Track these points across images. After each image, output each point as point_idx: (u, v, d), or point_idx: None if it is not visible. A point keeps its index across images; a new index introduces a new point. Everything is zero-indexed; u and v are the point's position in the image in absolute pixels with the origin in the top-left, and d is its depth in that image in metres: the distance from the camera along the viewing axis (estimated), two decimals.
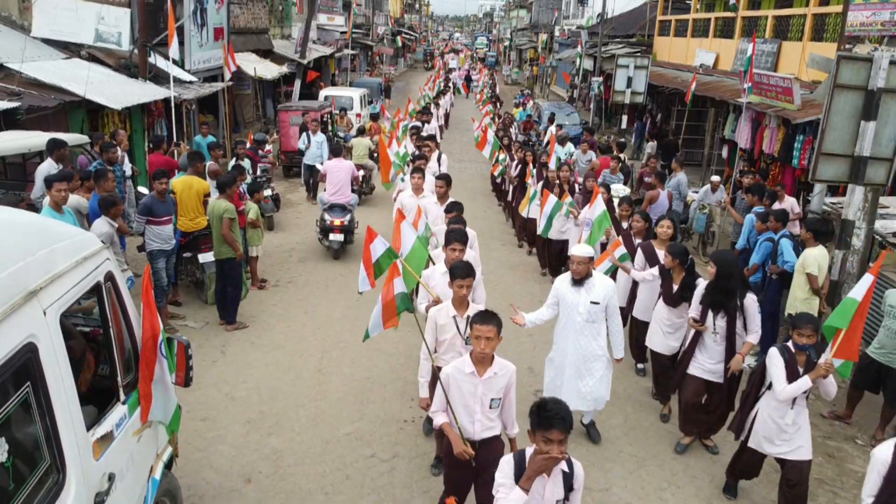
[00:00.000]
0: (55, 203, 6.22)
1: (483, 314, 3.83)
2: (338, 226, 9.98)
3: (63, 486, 2.64)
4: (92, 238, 3.25)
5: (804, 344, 4.62)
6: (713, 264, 5.49)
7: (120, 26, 12.94)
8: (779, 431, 4.77)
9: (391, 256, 4.90)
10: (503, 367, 3.96)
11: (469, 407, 3.97)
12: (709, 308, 5.49)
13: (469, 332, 4.01)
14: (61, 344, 2.71)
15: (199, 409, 6.05)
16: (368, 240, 4.90)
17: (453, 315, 4.66)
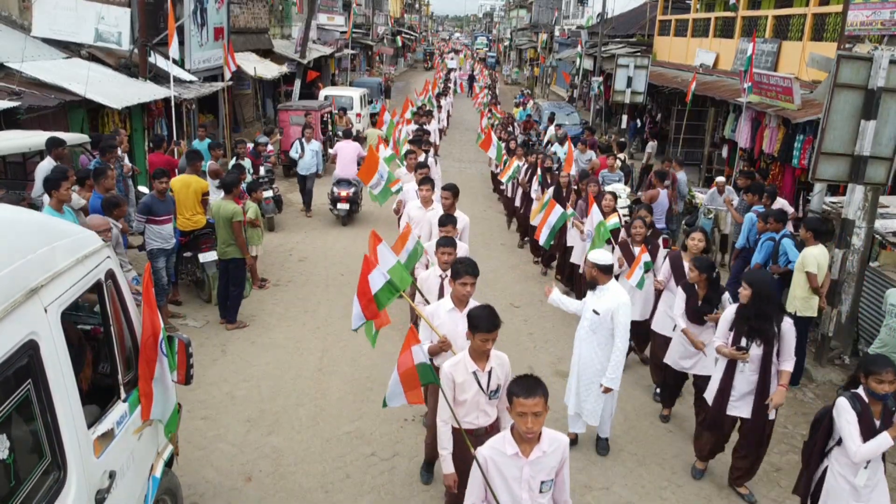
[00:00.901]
0: (57, 202, 6.21)
1: (526, 384, 2.99)
2: (344, 196, 12.04)
3: (64, 484, 2.65)
4: (93, 236, 3.25)
5: (883, 392, 3.94)
6: (748, 286, 4.82)
7: (120, 26, 12.94)
8: (853, 494, 4.10)
9: (392, 291, 4.34)
10: (553, 440, 3.20)
11: (514, 494, 3.22)
12: (743, 335, 4.86)
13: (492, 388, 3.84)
14: (62, 341, 2.71)
15: (200, 408, 6.05)
16: (365, 269, 4.34)
17: (473, 370, 3.91)
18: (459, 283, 4.44)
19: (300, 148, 12.67)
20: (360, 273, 4.34)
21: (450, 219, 6.08)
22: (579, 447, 5.80)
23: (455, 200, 6.88)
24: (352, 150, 12.28)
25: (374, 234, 4.62)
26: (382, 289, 4.33)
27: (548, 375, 7.12)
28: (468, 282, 4.44)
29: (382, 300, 4.34)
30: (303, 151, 12.65)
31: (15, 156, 8.74)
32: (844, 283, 7.43)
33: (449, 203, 6.79)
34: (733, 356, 4.90)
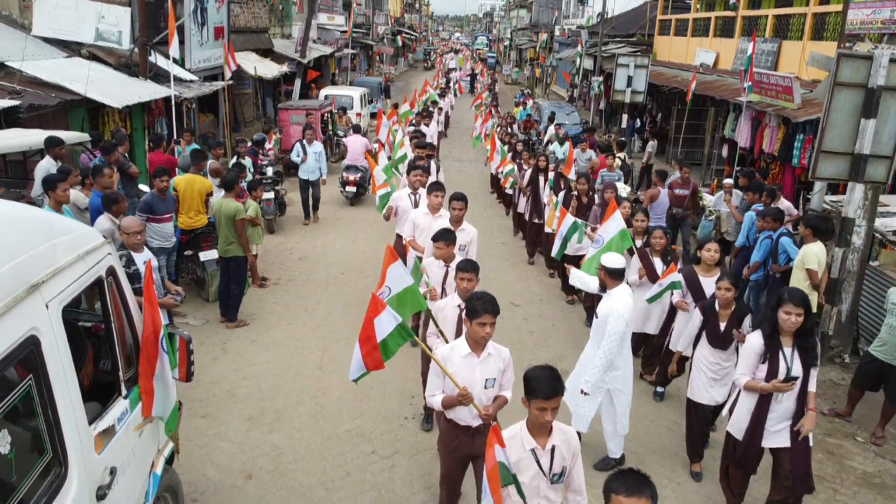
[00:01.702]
0: (56, 203, 6.21)
1: (634, 483, 2.44)
2: (352, 181, 13.46)
3: (65, 479, 2.65)
4: (94, 233, 3.26)
5: None
6: (797, 305, 4.22)
7: (120, 25, 12.94)
8: None
9: (404, 337, 3.85)
10: None
11: None
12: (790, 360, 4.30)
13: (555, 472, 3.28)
14: (63, 337, 2.72)
15: (200, 406, 6.06)
16: (371, 312, 3.79)
17: (532, 448, 3.28)
18: (477, 324, 3.77)
19: (302, 150, 11.82)
20: (365, 316, 3.77)
21: (447, 234, 5.37)
22: None
23: (465, 211, 6.30)
24: (360, 144, 13.84)
25: (390, 250, 4.24)
26: (392, 334, 3.80)
27: None
28: (487, 321, 3.77)
29: (391, 347, 3.84)
30: (305, 154, 11.81)
31: (15, 154, 8.74)
32: (844, 282, 7.43)
33: (460, 214, 6.20)
34: (781, 389, 4.26)
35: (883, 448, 6.03)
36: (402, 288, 4.28)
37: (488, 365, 3.94)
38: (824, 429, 6.32)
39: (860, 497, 5.38)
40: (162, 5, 13.12)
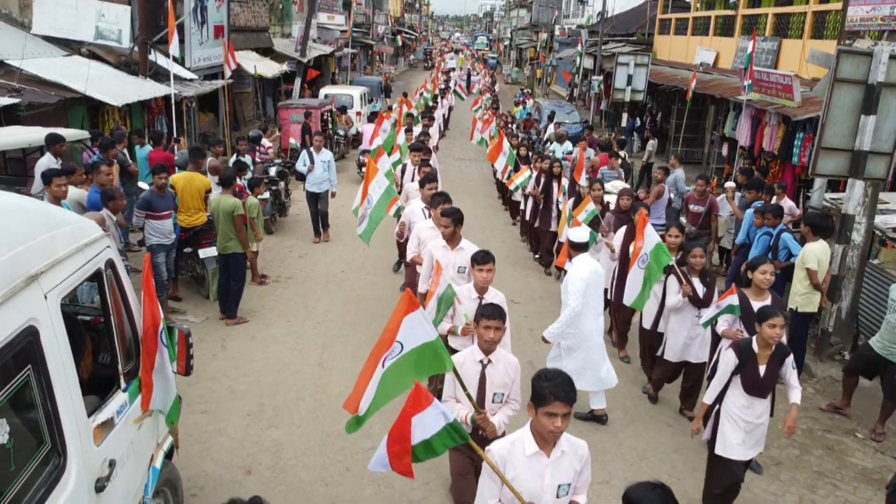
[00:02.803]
0: (54, 198, 6.22)
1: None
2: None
3: (64, 470, 2.65)
4: (93, 225, 3.26)
5: None
6: None
7: (120, 24, 12.96)
8: None
9: (455, 438, 3.07)
10: None
11: None
12: None
13: None
14: (62, 328, 2.72)
15: (200, 402, 6.05)
16: (413, 405, 3.02)
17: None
18: (545, 414, 2.94)
19: (308, 159, 10.53)
20: (401, 412, 3.07)
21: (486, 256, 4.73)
22: None
23: (457, 228, 5.63)
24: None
25: (409, 296, 3.25)
26: (440, 434, 3.03)
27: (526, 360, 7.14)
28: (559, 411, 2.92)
29: (436, 448, 3.06)
30: (312, 164, 10.49)
31: (15, 152, 8.75)
32: (844, 279, 7.43)
33: (450, 232, 5.61)
34: None
35: (883, 444, 6.02)
36: (420, 343, 3.27)
37: (561, 466, 3.09)
38: (824, 425, 6.32)
39: (860, 493, 5.38)
40: (162, 4, 13.13)
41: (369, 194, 7.20)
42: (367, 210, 7.25)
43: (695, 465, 5.57)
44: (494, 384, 3.95)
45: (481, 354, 3.97)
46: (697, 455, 5.72)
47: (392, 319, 3.29)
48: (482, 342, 3.94)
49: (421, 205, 7.17)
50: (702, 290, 5.82)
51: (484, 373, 3.95)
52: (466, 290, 4.85)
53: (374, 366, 3.31)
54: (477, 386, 3.94)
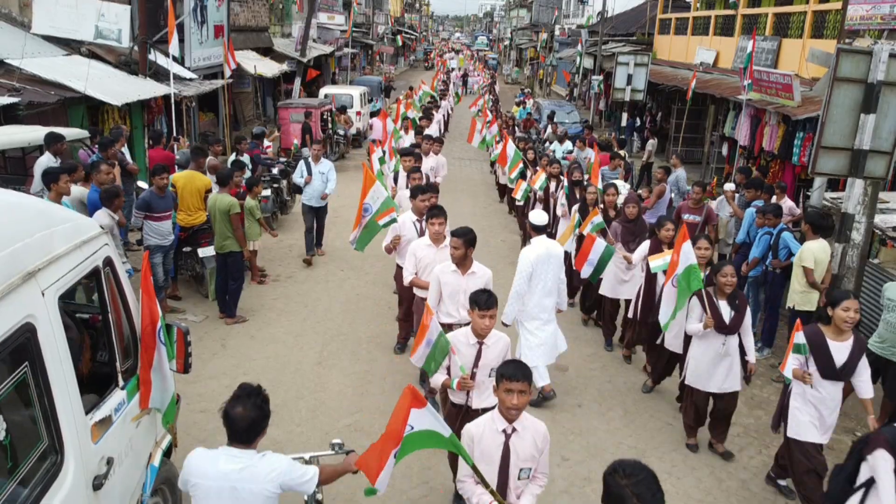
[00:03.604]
0: (57, 195, 6.22)
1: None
2: None
3: (61, 467, 2.64)
4: (91, 223, 3.25)
5: None
6: None
7: (120, 23, 12.95)
8: None
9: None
10: None
11: None
12: None
13: None
14: (59, 325, 2.71)
15: (199, 401, 6.05)
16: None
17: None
18: None
19: (305, 169, 9.65)
20: None
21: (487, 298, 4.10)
22: (575, 441, 5.81)
23: (468, 250, 5.19)
24: (380, 126, 14.74)
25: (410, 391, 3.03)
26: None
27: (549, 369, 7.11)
28: None
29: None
30: (309, 174, 9.56)
31: (14, 151, 8.74)
32: (844, 278, 7.42)
33: (460, 253, 5.15)
34: None
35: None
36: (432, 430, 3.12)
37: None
38: None
39: None
40: (162, 3, 13.13)
41: (367, 202, 6.76)
42: (365, 218, 6.80)
43: (694, 465, 5.57)
44: (520, 458, 3.37)
45: (503, 422, 3.35)
46: (696, 455, 5.72)
47: (395, 416, 3.07)
48: (504, 409, 3.31)
49: (412, 217, 6.68)
50: (729, 314, 5.29)
51: (508, 445, 3.35)
52: (463, 334, 4.26)
53: (385, 457, 3.17)
54: (499, 462, 3.36)
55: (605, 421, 6.17)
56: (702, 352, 5.44)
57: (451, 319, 5.33)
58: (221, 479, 2.81)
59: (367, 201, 6.74)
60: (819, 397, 4.65)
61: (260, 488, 2.84)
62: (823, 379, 4.59)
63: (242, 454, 2.86)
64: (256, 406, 2.88)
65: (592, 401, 6.55)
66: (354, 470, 3.40)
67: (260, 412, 2.89)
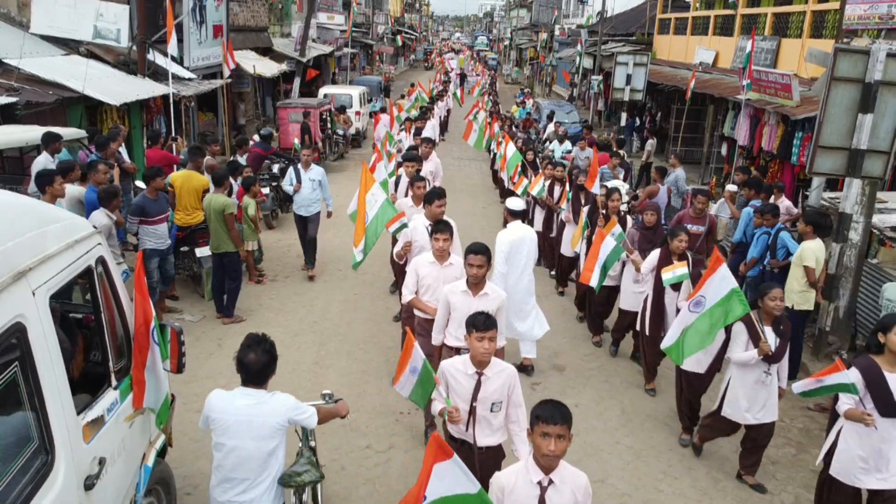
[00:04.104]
0: (51, 198, 6.18)
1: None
2: None
3: (52, 468, 2.64)
4: (84, 223, 3.25)
5: None
6: None
7: (119, 23, 12.93)
8: None
9: None
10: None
11: None
12: None
13: None
14: (51, 325, 2.70)
15: (196, 400, 6.02)
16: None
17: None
18: None
19: (295, 177, 8.98)
20: None
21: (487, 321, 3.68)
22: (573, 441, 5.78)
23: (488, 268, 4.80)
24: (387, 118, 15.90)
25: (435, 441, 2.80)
26: None
27: (546, 369, 7.12)
28: None
29: None
30: (299, 182, 8.93)
31: (12, 150, 8.74)
32: (842, 278, 7.41)
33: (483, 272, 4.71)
34: None
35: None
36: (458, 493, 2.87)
37: None
38: (821, 424, 6.30)
39: None
40: (161, 3, 13.12)
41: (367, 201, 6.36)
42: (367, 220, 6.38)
43: (690, 465, 5.57)
44: None
45: (539, 473, 2.95)
46: (693, 454, 5.71)
47: (422, 472, 2.84)
48: (540, 456, 2.92)
49: (424, 222, 6.23)
50: (774, 341, 4.86)
51: (543, 499, 2.96)
52: (461, 363, 3.79)
53: None
54: None
55: (602, 421, 6.16)
56: (742, 382, 4.99)
57: (460, 343, 4.73)
58: (239, 413, 3.29)
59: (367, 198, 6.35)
60: (877, 436, 4.15)
61: (272, 420, 3.32)
62: (883, 417, 4.08)
63: (256, 393, 3.36)
64: (265, 351, 3.38)
65: (590, 400, 6.54)
66: (344, 414, 3.97)
67: (269, 356, 3.39)
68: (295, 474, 3.52)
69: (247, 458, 3.30)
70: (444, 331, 4.95)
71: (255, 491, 3.32)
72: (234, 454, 3.29)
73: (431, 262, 5.33)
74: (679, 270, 5.80)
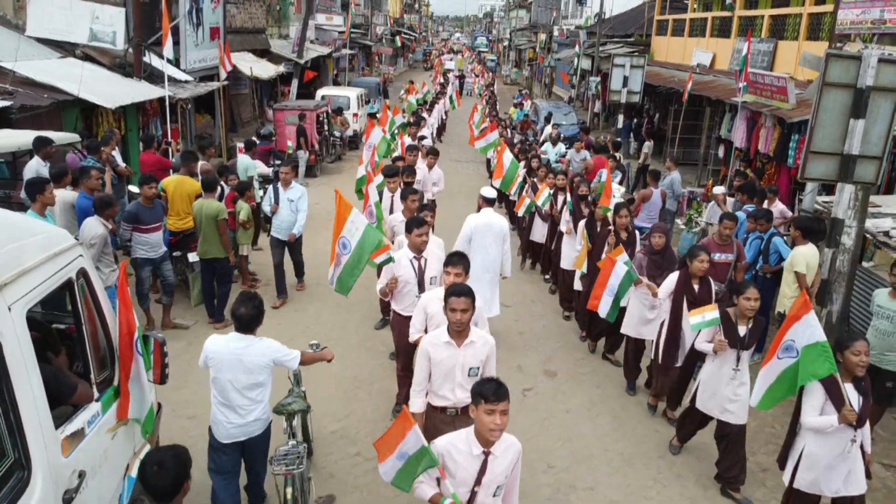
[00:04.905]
0: (41, 206, 6.14)
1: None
2: None
3: (28, 483, 2.63)
4: (64, 234, 3.24)
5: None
6: None
7: (115, 25, 12.94)
8: None
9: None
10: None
11: None
12: None
13: None
14: (27, 340, 2.70)
15: (186, 407, 6.03)
16: None
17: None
18: None
19: (273, 196, 8.25)
20: None
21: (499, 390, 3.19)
22: (563, 447, 5.79)
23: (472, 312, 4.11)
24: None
25: None
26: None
27: (537, 374, 7.12)
28: None
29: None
30: (276, 203, 8.22)
31: (5, 155, 8.73)
32: (835, 283, 7.39)
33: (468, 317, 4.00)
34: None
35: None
36: None
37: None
38: None
39: None
40: (157, 6, 13.13)
41: (343, 237, 5.58)
42: (341, 256, 5.63)
43: (680, 472, 5.56)
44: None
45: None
46: (683, 461, 5.71)
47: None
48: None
49: (408, 254, 5.65)
50: (858, 401, 4.29)
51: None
52: (464, 442, 3.25)
53: None
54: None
55: (593, 427, 6.16)
56: (825, 451, 4.34)
57: (445, 402, 4.15)
58: (232, 353, 4.04)
59: (343, 236, 5.55)
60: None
61: (259, 360, 4.08)
62: None
63: (246, 337, 4.12)
64: (255, 306, 4.17)
65: (581, 406, 6.54)
66: (329, 359, 4.62)
67: (257, 310, 4.19)
68: (286, 405, 4.49)
69: (240, 389, 4.05)
70: (426, 390, 4.21)
71: (251, 415, 4.11)
72: (228, 386, 4.04)
73: (440, 298, 4.43)
74: (709, 315, 5.16)
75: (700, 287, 5.80)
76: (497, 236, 6.99)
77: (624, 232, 7.06)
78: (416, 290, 5.61)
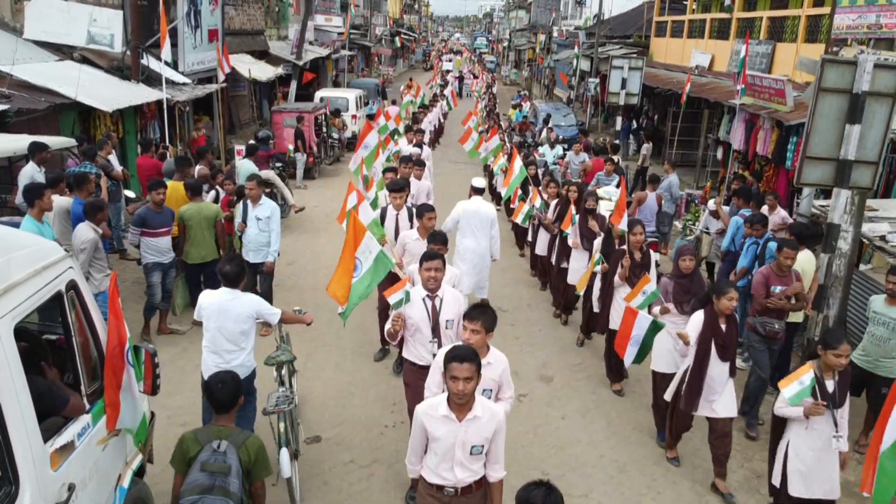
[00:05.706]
0: (39, 212, 6.14)
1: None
2: None
3: (16, 498, 2.63)
4: (54, 247, 3.24)
5: None
6: None
7: (112, 28, 12.92)
8: None
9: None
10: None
11: None
12: None
13: None
14: (15, 354, 2.69)
15: (181, 413, 6.02)
16: None
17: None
18: None
19: (243, 211, 7.48)
20: None
21: None
22: (557, 455, 5.79)
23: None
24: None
25: None
26: None
27: (532, 380, 7.11)
28: None
29: None
30: (244, 221, 7.44)
31: (0, 160, 8.72)
32: (831, 288, 7.38)
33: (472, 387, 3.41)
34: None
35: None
36: None
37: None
38: None
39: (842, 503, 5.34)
40: (155, 8, 13.11)
41: (357, 258, 5.10)
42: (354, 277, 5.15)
43: (675, 479, 5.55)
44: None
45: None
46: (678, 468, 5.70)
47: None
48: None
49: (420, 293, 4.82)
50: None
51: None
52: None
53: None
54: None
55: (587, 433, 6.15)
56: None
57: (443, 482, 3.59)
58: (221, 304, 4.80)
59: (357, 257, 5.08)
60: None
61: (244, 310, 4.82)
62: None
63: (233, 291, 4.84)
64: (238, 265, 4.90)
65: (576, 412, 6.53)
66: (308, 322, 5.38)
67: (240, 268, 4.89)
68: (275, 356, 5.26)
69: (227, 336, 4.78)
70: (421, 462, 3.70)
71: (235, 361, 4.82)
72: (218, 333, 4.77)
73: None
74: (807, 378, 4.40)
75: (728, 327, 5.17)
76: (483, 221, 7.56)
77: (638, 252, 6.55)
78: (431, 335, 4.77)
